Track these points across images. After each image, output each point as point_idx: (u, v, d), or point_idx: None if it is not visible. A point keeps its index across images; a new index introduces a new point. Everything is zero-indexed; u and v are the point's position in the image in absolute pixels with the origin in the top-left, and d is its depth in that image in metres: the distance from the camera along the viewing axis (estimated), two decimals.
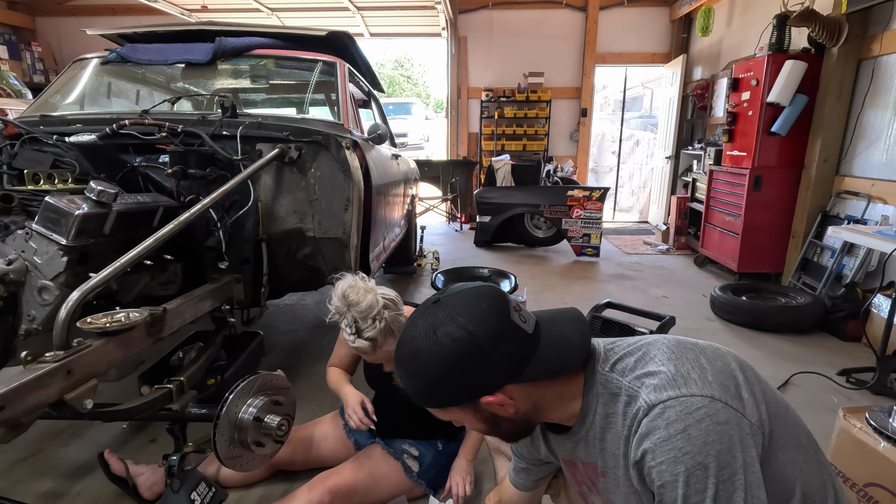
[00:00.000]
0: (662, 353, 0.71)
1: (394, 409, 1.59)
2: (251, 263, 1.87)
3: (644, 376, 0.69)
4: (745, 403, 0.66)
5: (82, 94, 2.44)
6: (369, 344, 1.28)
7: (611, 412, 0.73)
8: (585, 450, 0.81)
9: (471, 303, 0.72)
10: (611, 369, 0.74)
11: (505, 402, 0.73)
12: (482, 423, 0.77)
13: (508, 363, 0.70)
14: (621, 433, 0.71)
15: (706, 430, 0.61)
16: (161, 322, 1.36)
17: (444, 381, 0.71)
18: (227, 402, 1.27)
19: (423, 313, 0.75)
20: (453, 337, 0.69)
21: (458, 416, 0.78)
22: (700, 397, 0.63)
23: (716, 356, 0.70)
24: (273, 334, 2.94)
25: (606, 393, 0.73)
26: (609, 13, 6.36)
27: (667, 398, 0.64)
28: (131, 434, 1.92)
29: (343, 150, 1.92)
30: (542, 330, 0.74)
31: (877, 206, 3.04)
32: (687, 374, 0.66)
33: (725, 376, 0.67)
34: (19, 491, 1.60)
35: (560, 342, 0.73)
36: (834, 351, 2.79)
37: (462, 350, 0.69)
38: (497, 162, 5.72)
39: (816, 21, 3.18)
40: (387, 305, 1.31)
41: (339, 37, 2.68)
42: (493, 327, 0.70)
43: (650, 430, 0.64)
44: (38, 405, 0.99)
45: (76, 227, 1.29)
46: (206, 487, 1.49)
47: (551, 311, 0.79)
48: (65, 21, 6.59)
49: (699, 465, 0.60)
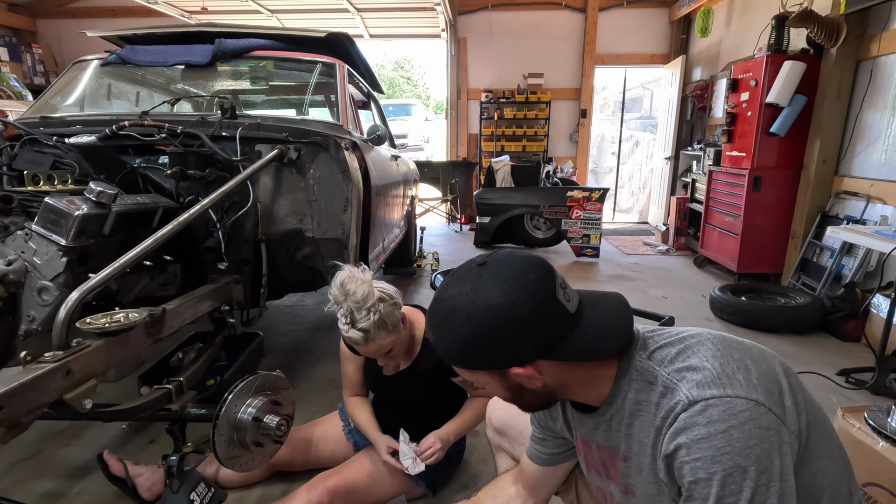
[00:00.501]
0: (707, 348, 0.69)
1: (392, 410, 1.59)
2: (250, 264, 1.87)
3: (685, 370, 0.67)
4: (787, 411, 0.65)
5: (82, 96, 2.44)
6: (362, 335, 1.28)
7: (643, 399, 0.71)
8: (607, 433, 0.80)
9: (517, 271, 0.70)
10: (649, 357, 0.72)
11: (533, 376, 0.72)
12: (506, 390, 0.76)
13: (544, 339, 0.69)
14: (652, 422, 0.70)
15: (748, 434, 0.60)
16: (160, 322, 1.36)
17: (477, 345, 0.70)
18: (227, 402, 1.27)
19: (467, 273, 0.73)
20: (494, 303, 0.68)
21: (483, 381, 0.76)
22: (745, 400, 0.62)
23: (762, 359, 0.69)
24: (272, 335, 2.95)
25: (641, 380, 0.72)
26: (608, 14, 6.37)
27: (710, 396, 0.63)
28: (131, 435, 1.92)
29: (342, 151, 1.93)
30: (585, 312, 0.72)
31: (876, 207, 3.05)
32: (732, 374, 0.64)
33: (770, 381, 0.66)
34: (19, 491, 1.60)
35: (601, 327, 0.71)
36: (833, 351, 2.79)
37: (500, 318, 0.68)
38: (497, 163, 5.73)
39: (815, 22, 3.19)
40: (382, 298, 1.31)
41: (338, 38, 2.69)
42: (536, 301, 0.68)
43: (688, 425, 0.63)
44: (38, 405, 1.00)
45: (76, 227, 1.30)
46: (206, 488, 1.49)
47: (596, 294, 0.77)
48: (65, 23, 6.61)
49: (737, 468, 0.59)
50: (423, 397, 1.53)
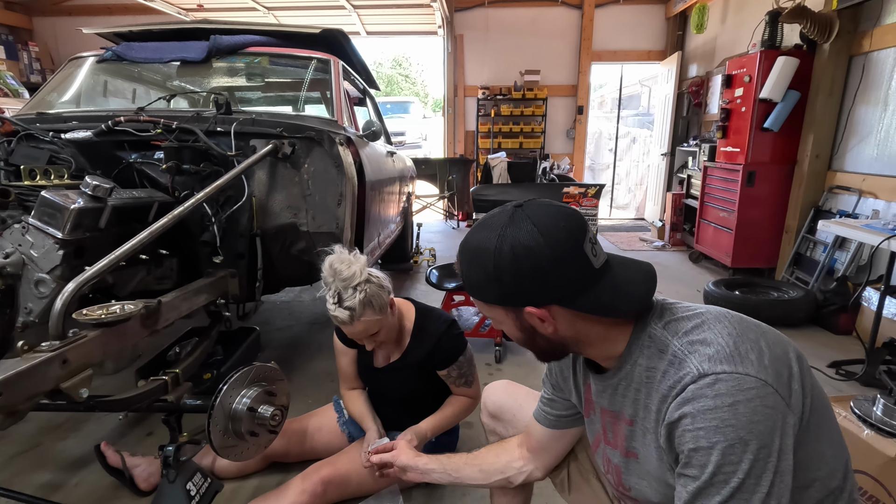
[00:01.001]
0: (723, 325, 0.70)
1: (387, 402, 1.61)
2: (246, 258, 1.89)
3: (698, 343, 0.69)
4: (793, 394, 0.66)
5: (78, 92, 2.45)
6: (348, 314, 1.30)
7: (652, 366, 0.73)
8: (612, 397, 0.81)
9: (550, 216, 0.72)
10: (664, 327, 0.74)
11: (546, 319, 0.74)
12: (520, 331, 0.79)
13: (563, 286, 0.71)
14: (658, 389, 0.71)
15: (753, 410, 0.62)
16: (156, 314, 1.38)
17: (498, 280, 0.72)
18: (222, 392, 1.29)
19: (502, 211, 0.75)
20: (521, 241, 0.70)
21: (500, 317, 0.79)
22: (754, 378, 0.63)
23: (777, 342, 0.70)
24: (269, 330, 2.97)
25: (653, 347, 0.74)
26: (604, 11, 6.38)
27: (721, 371, 0.64)
28: (128, 427, 1.94)
29: (336, 146, 1.94)
30: (611, 271, 0.74)
31: (868, 201, 3.07)
32: (745, 353, 0.66)
33: (781, 364, 0.67)
34: (18, 483, 1.62)
35: (622, 289, 0.73)
36: (825, 344, 2.82)
37: (524, 256, 0.70)
38: (493, 159, 5.75)
39: (808, 18, 3.21)
40: (369, 279, 1.33)
41: (333, 34, 2.70)
42: (562, 248, 0.70)
43: (696, 396, 0.64)
44: (35, 393, 1.02)
45: (72, 221, 1.31)
46: (202, 478, 1.51)
47: (626, 259, 0.79)
48: (62, 21, 6.60)
49: (739, 440, 0.61)
50: (414, 389, 1.55)
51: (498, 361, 2.55)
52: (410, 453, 1.19)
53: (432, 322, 1.53)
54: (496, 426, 1.25)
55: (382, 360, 1.55)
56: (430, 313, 1.57)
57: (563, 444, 1.07)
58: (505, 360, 2.57)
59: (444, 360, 1.50)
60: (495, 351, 2.59)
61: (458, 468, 1.11)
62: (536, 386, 1.13)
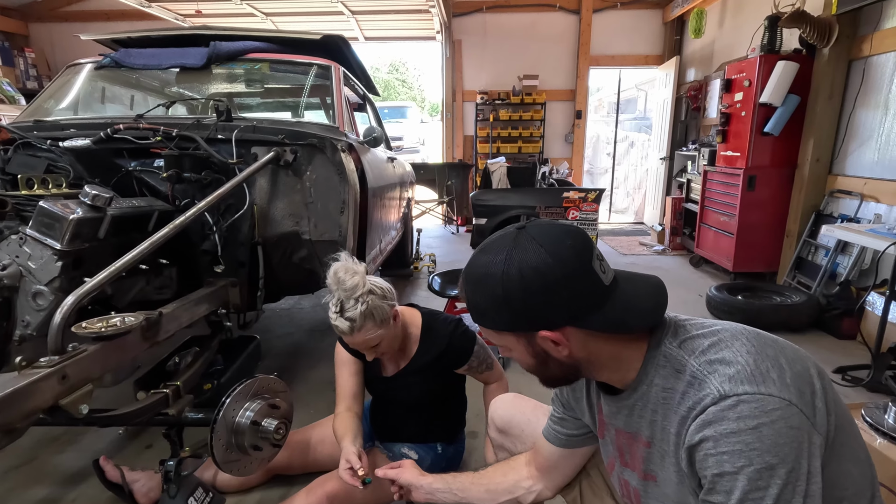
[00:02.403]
0: (741, 343, 0.68)
1: (392, 412, 1.59)
2: (247, 267, 1.86)
3: (717, 363, 0.67)
4: (818, 413, 0.64)
5: (76, 99, 2.43)
6: (349, 324, 1.28)
7: (669, 387, 0.71)
8: (628, 418, 0.79)
9: (556, 236, 0.71)
10: (679, 346, 0.72)
11: (561, 342, 0.72)
12: (532, 357, 0.76)
13: (576, 305, 0.70)
14: (676, 411, 0.69)
15: (778, 432, 0.60)
16: (157, 326, 1.35)
17: (509, 305, 0.71)
18: (224, 405, 1.26)
19: (505, 235, 0.74)
20: (530, 264, 0.69)
21: (510, 344, 0.77)
22: (778, 399, 0.61)
23: (796, 359, 0.68)
24: (270, 338, 2.93)
25: (669, 367, 0.72)
26: (602, 16, 6.40)
27: (743, 392, 0.62)
28: (127, 440, 1.91)
29: (338, 153, 1.92)
30: (619, 286, 0.73)
31: (869, 205, 3.07)
32: (766, 371, 0.64)
33: (803, 382, 0.65)
34: (14, 498, 1.59)
35: (632, 303, 0.72)
36: (829, 349, 2.81)
37: (534, 280, 0.69)
38: (492, 164, 5.74)
39: (807, 22, 3.21)
40: (372, 291, 1.31)
41: (333, 40, 2.68)
42: (571, 267, 0.69)
43: (717, 419, 0.62)
44: (34, 410, 0.99)
45: (70, 231, 1.29)
46: (203, 493, 1.48)
47: (634, 274, 0.78)
48: (58, 27, 6.57)
49: (766, 465, 0.59)
50: (421, 394, 1.53)
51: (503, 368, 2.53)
52: (415, 472, 1.16)
53: (439, 325, 1.52)
54: (504, 441, 1.23)
55: (392, 369, 1.53)
56: (437, 317, 1.56)
57: (573, 463, 1.04)
58: (509, 367, 2.55)
59: (459, 357, 1.51)
60: (499, 359, 2.57)
61: (464, 488, 1.09)
62: (542, 395, 1.10)
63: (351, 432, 1.39)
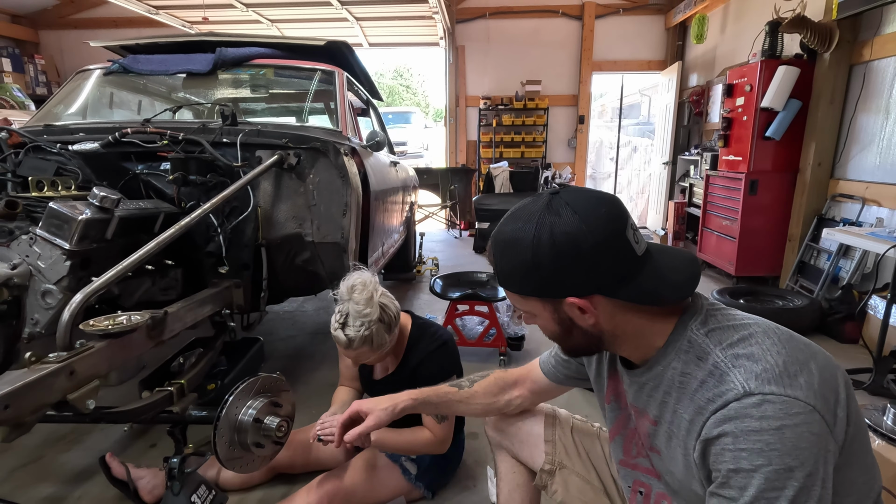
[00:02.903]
0: (772, 341, 0.67)
1: None
2: (251, 268, 1.89)
3: (744, 357, 0.66)
4: (838, 422, 0.65)
5: (85, 104, 2.48)
6: (346, 340, 1.30)
7: (688, 372, 0.70)
8: (637, 394, 0.79)
9: (590, 203, 0.69)
10: (706, 334, 0.70)
11: (588, 310, 0.71)
12: (556, 324, 0.76)
13: (606, 274, 0.69)
14: (693, 398, 0.69)
15: (800, 436, 0.60)
16: (162, 325, 1.38)
17: (537, 269, 0.69)
18: (227, 403, 1.28)
19: (538, 199, 0.72)
20: (562, 229, 0.67)
21: (536, 310, 0.76)
22: (803, 403, 0.61)
23: (826, 366, 0.67)
24: (273, 341, 2.96)
25: (691, 353, 0.71)
26: (605, 21, 6.43)
27: (769, 392, 0.62)
28: (132, 439, 1.93)
29: (341, 157, 1.95)
30: (653, 258, 0.72)
31: (871, 209, 3.07)
32: (795, 374, 0.63)
33: (829, 389, 0.65)
34: (21, 496, 1.61)
35: (664, 275, 0.70)
36: (831, 352, 2.77)
37: (566, 245, 0.67)
38: (495, 169, 5.78)
39: (808, 27, 3.23)
40: (381, 319, 1.33)
41: (337, 46, 2.72)
42: (604, 235, 0.68)
43: (740, 415, 0.62)
44: (42, 405, 1.01)
45: (79, 232, 1.32)
46: (207, 490, 1.50)
47: (667, 246, 0.78)
48: (67, 34, 6.68)
49: (785, 466, 0.60)
50: None
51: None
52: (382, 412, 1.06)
53: (425, 340, 1.50)
54: (502, 440, 1.24)
55: (380, 373, 1.56)
56: (426, 330, 1.53)
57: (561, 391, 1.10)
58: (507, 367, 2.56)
59: (424, 379, 1.41)
60: (500, 361, 2.58)
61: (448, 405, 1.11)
62: None
63: (339, 401, 1.54)
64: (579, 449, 1.11)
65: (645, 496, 0.86)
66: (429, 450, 1.48)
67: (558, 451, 1.10)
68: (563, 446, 1.11)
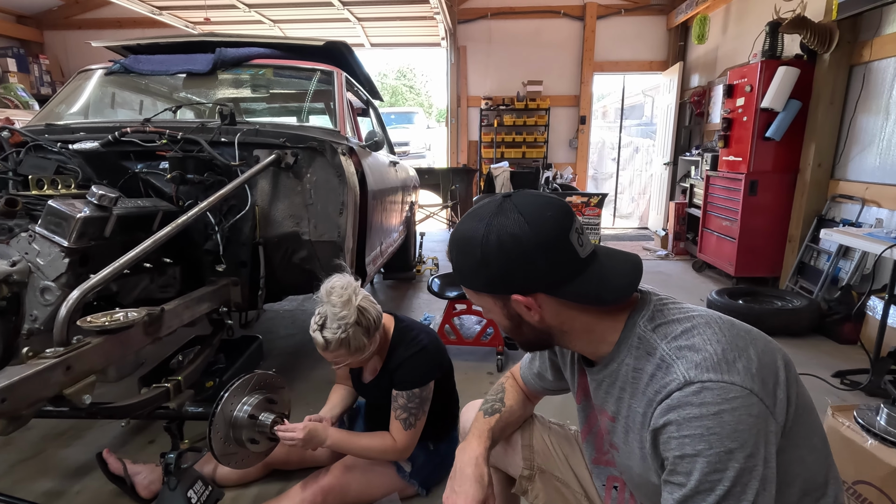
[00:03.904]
0: (712, 331, 0.70)
1: (378, 414, 1.60)
2: (248, 266, 1.91)
3: (686, 349, 0.69)
4: (778, 403, 0.67)
5: (87, 104, 2.50)
6: (322, 342, 1.31)
7: (640, 367, 0.74)
8: (596, 391, 0.83)
9: (537, 206, 0.74)
10: (654, 330, 0.74)
11: (532, 307, 0.75)
12: (507, 319, 0.80)
13: (549, 274, 0.72)
14: (644, 392, 0.72)
15: (738, 419, 0.62)
16: (159, 321, 1.40)
17: (486, 267, 0.74)
18: (223, 399, 1.30)
19: (490, 201, 0.77)
20: (508, 230, 0.72)
21: (488, 305, 0.80)
22: (740, 388, 0.64)
23: (765, 350, 0.70)
24: (272, 339, 2.98)
25: (641, 349, 0.74)
26: (606, 22, 6.43)
27: (707, 379, 0.65)
28: (130, 435, 1.95)
29: (338, 156, 1.97)
30: (597, 261, 0.75)
31: (871, 210, 3.06)
32: (733, 361, 0.66)
33: (768, 372, 0.68)
34: (20, 490, 1.63)
35: (606, 278, 0.74)
36: (829, 353, 2.80)
37: (511, 245, 0.72)
38: (496, 169, 5.78)
39: (808, 28, 3.23)
40: (359, 322, 1.32)
41: (336, 47, 2.74)
42: (548, 237, 0.72)
43: (681, 403, 0.65)
44: (39, 399, 1.03)
45: (78, 229, 1.34)
46: (203, 486, 1.51)
47: (614, 250, 0.80)
48: (72, 34, 6.73)
49: (725, 449, 0.62)
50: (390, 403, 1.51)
51: (500, 370, 2.55)
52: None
53: (404, 345, 1.47)
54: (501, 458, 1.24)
55: (369, 376, 1.56)
56: (407, 334, 1.50)
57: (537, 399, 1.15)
58: (506, 369, 2.57)
59: (398, 383, 1.44)
60: (497, 360, 2.59)
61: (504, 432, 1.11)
62: None
63: (331, 402, 1.62)
64: (558, 453, 1.10)
65: (620, 490, 0.87)
66: (387, 456, 1.47)
67: (536, 455, 1.10)
68: (541, 451, 1.10)
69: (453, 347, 2.60)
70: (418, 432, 1.46)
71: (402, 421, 1.43)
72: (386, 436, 1.45)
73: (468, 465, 0.92)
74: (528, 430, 1.13)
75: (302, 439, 1.34)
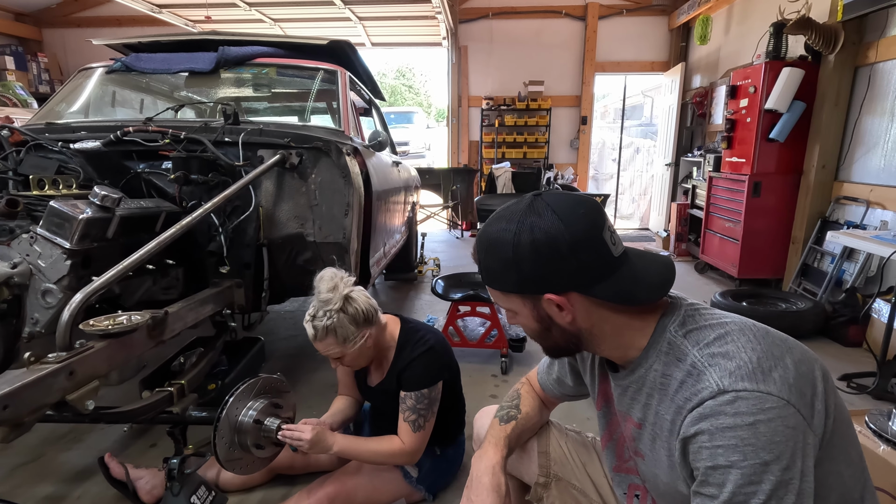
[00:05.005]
0: (747, 338, 0.68)
1: (383, 419, 1.58)
2: (252, 268, 1.88)
3: (720, 356, 0.67)
4: (816, 414, 0.65)
5: (87, 103, 2.47)
6: (313, 332, 1.32)
7: (668, 373, 0.72)
8: (620, 397, 0.80)
9: (569, 204, 0.73)
10: (684, 336, 0.72)
11: (565, 307, 0.73)
12: (536, 321, 0.78)
13: (583, 272, 0.71)
14: (673, 399, 0.70)
15: (774, 430, 0.60)
16: (162, 324, 1.37)
17: (517, 266, 0.72)
18: (228, 404, 1.28)
19: (520, 200, 0.75)
20: (541, 228, 0.70)
21: (517, 307, 0.78)
22: (776, 398, 0.62)
23: (803, 359, 0.68)
24: (274, 340, 2.95)
25: (671, 354, 0.72)
26: (608, 22, 6.42)
27: (742, 388, 0.62)
28: (132, 439, 1.93)
29: (343, 157, 1.95)
30: (629, 261, 0.74)
31: (876, 212, 3.05)
32: (769, 370, 0.64)
33: (805, 382, 0.65)
34: (20, 495, 1.61)
35: (639, 277, 0.73)
36: (835, 356, 2.79)
37: (544, 243, 0.70)
38: (497, 169, 5.77)
39: (813, 29, 3.21)
40: (344, 310, 1.31)
41: (340, 46, 2.72)
42: (582, 234, 0.70)
43: (714, 413, 0.63)
44: (41, 405, 1.01)
45: (80, 231, 1.31)
46: (206, 491, 1.49)
47: (644, 251, 0.79)
48: (71, 32, 6.69)
49: (761, 461, 0.60)
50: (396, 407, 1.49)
51: (504, 373, 2.53)
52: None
53: (412, 345, 1.45)
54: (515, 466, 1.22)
55: (375, 379, 1.54)
56: (415, 334, 1.48)
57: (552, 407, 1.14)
58: (511, 371, 2.55)
59: (406, 384, 1.42)
60: (501, 362, 2.57)
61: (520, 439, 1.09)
62: None
63: (331, 411, 1.59)
64: (575, 460, 1.08)
65: (641, 499, 0.85)
66: (395, 460, 1.44)
67: (553, 463, 1.08)
68: (558, 458, 1.08)
69: (457, 350, 2.56)
70: (427, 435, 1.43)
71: (411, 423, 1.40)
72: (394, 439, 1.42)
73: (485, 473, 0.90)
74: (544, 436, 1.10)
75: (309, 441, 1.30)
